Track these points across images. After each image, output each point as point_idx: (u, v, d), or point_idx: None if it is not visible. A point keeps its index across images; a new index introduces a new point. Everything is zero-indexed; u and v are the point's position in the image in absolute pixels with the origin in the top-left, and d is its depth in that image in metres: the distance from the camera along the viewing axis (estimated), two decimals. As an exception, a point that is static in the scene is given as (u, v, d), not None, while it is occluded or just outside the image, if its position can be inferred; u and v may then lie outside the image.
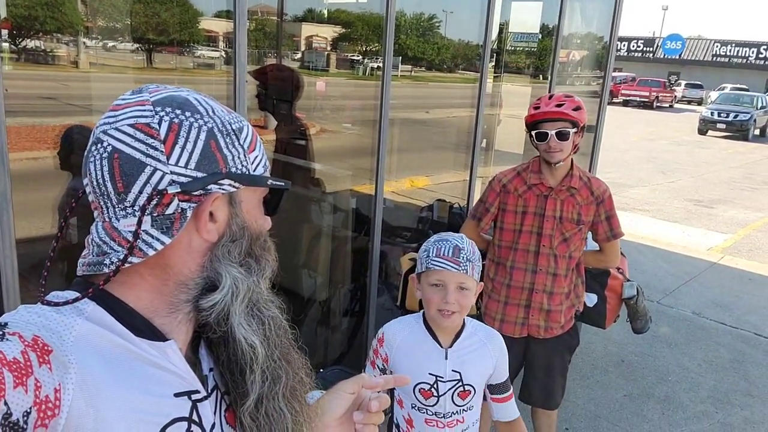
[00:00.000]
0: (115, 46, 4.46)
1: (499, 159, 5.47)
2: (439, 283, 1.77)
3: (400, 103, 4.62)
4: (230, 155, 0.79)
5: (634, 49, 44.85)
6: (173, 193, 0.74)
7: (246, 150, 0.81)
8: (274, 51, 5.11)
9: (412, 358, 1.84)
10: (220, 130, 0.78)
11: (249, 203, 0.84)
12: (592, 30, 6.01)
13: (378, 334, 1.91)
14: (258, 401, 0.84)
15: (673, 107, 34.24)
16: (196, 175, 0.75)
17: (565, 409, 3.67)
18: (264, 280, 0.86)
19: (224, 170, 0.78)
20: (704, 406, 4.04)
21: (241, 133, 0.81)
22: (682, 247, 7.76)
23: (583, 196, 2.61)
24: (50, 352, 0.66)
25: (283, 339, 0.87)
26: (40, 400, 0.63)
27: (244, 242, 0.83)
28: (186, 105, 0.77)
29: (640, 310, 3.37)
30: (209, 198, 0.77)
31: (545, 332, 2.69)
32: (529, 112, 2.56)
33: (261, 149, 0.85)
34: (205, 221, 0.78)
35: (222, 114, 0.80)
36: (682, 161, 15.59)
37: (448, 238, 1.81)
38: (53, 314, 0.72)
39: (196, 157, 0.75)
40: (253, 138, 0.84)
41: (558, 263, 2.63)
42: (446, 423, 1.85)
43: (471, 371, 1.84)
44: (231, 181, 0.78)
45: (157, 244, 0.75)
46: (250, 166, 0.82)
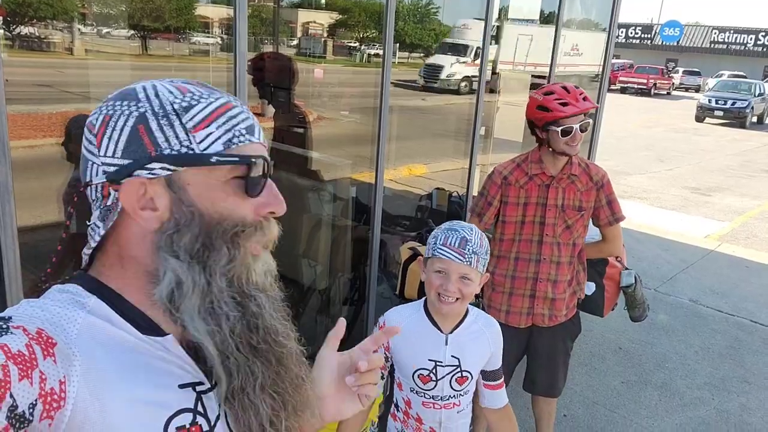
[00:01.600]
0: (110, 33, 4.43)
1: (498, 147, 5.46)
2: (442, 270, 1.80)
3: (397, 90, 4.60)
4: (162, 137, 0.75)
5: (632, 35, 44.67)
6: (99, 182, 0.76)
7: (189, 129, 0.75)
8: (270, 38, 5.07)
9: (413, 345, 1.86)
10: (155, 113, 0.75)
11: (202, 186, 0.76)
12: (592, 17, 5.98)
13: (379, 322, 1.93)
14: (230, 394, 0.81)
15: (670, 94, 34.17)
16: (123, 163, 0.75)
17: (564, 395, 3.69)
18: (219, 271, 0.77)
19: (153, 153, 0.74)
20: (701, 392, 4.07)
21: (188, 111, 0.76)
22: (679, 234, 7.78)
23: (583, 182, 2.61)
24: (54, 344, 0.67)
25: (260, 340, 0.81)
26: (45, 392, 0.63)
27: (194, 229, 0.76)
28: (127, 95, 0.77)
29: (638, 298, 3.37)
30: (133, 183, 0.74)
31: (549, 320, 2.71)
32: (553, 108, 2.45)
33: (225, 125, 0.77)
34: (135, 207, 0.75)
35: (166, 96, 0.76)
36: (679, 149, 15.59)
37: (457, 228, 1.83)
38: (56, 308, 0.72)
39: (122, 144, 0.75)
40: (211, 115, 0.77)
41: (561, 251, 2.64)
42: (443, 405, 1.89)
43: (469, 357, 1.87)
44: (163, 164, 0.74)
45: (96, 235, 0.78)
46: (195, 145, 0.75)
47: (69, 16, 4.25)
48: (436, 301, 1.81)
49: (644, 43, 44.25)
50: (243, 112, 0.80)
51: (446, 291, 1.77)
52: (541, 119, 2.52)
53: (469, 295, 1.81)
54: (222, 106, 0.78)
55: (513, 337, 1.99)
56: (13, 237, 2.03)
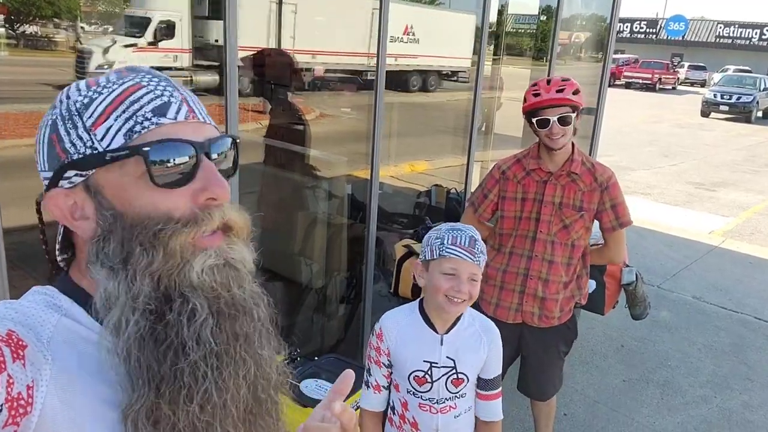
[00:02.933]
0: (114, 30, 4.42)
1: (498, 143, 5.42)
2: (453, 271, 1.75)
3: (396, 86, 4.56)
4: (68, 142, 0.70)
5: (636, 30, 44.44)
6: (39, 198, 0.75)
7: (89, 127, 0.70)
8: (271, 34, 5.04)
9: (410, 347, 1.84)
10: (62, 117, 0.72)
11: (116, 186, 0.71)
12: (593, 11, 5.93)
13: (375, 329, 1.90)
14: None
15: (675, 89, 34.02)
16: (49, 175, 0.73)
17: (564, 394, 3.66)
18: (142, 276, 0.69)
19: (66, 161, 0.71)
20: (703, 390, 4.03)
21: (88, 108, 0.70)
22: (683, 230, 7.72)
23: (586, 183, 2.56)
24: (25, 347, 0.65)
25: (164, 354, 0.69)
26: (12, 397, 0.60)
27: (117, 234, 0.70)
28: (53, 103, 0.74)
29: (639, 296, 3.34)
30: (54, 194, 0.72)
31: (539, 320, 2.65)
32: (528, 99, 2.49)
33: (125, 113, 0.70)
34: (67, 218, 0.73)
35: (74, 95, 0.72)
36: (684, 144, 15.50)
37: (462, 228, 1.80)
38: (31, 310, 0.71)
39: (45, 156, 0.73)
40: (109, 106, 0.70)
41: (555, 250, 2.59)
42: (439, 409, 1.85)
43: (464, 360, 1.84)
44: (75, 171, 0.70)
45: (57, 244, 0.78)
46: (97, 143, 0.70)
47: (72, 15, 4.25)
48: (445, 303, 1.76)
49: (649, 38, 44.02)
50: (152, 91, 0.72)
51: (458, 292, 1.73)
52: (523, 111, 2.54)
53: (474, 295, 1.78)
54: (124, 91, 0.71)
55: (503, 333, 1.94)
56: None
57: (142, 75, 0.74)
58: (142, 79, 0.73)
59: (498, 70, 5.67)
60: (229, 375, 0.72)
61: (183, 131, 0.72)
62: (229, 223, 0.74)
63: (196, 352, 0.69)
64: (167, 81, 0.75)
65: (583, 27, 5.92)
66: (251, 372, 0.75)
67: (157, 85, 0.73)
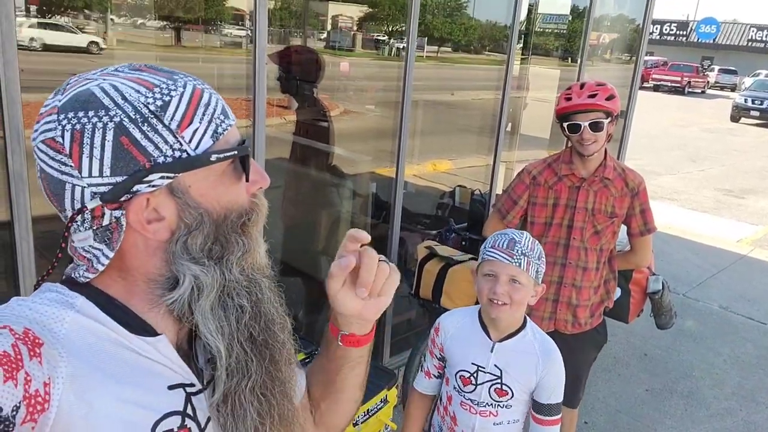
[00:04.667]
0: (144, 24, 4.45)
1: (524, 143, 5.35)
2: (491, 273, 1.76)
3: (424, 85, 4.53)
4: (151, 145, 0.69)
5: (666, 32, 43.79)
6: (94, 206, 0.70)
7: (176, 129, 0.70)
8: (299, 30, 5.05)
9: (461, 345, 1.87)
10: (132, 119, 0.69)
11: (203, 184, 0.73)
12: (625, 12, 5.83)
13: (435, 324, 1.96)
14: (225, 396, 0.79)
15: (705, 93, 33.44)
16: (116, 180, 0.69)
17: (585, 403, 3.60)
18: (236, 263, 0.77)
19: (147, 165, 0.69)
20: (728, 403, 3.94)
21: (166, 110, 0.70)
22: (710, 238, 7.58)
23: (618, 188, 2.51)
24: (41, 345, 0.65)
25: (260, 330, 0.79)
26: (29, 394, 0.61)
27: (205, 229, 0.74)
28: (89, 103, 0.69)
29: (665, 305, 3.27)
30: (138, 199, 0.70)
31: (572, 327, 2.62)
32: (560, 102, 2.45)
33: (205, 116, 0.72)
34: (142, 223, 0.71)
35: (135, 97, 0.70)
36: (713, 149, 15.23)
37: (506, 232, 1.81)
38: (44, 307, 0.70)
39: (108, 161, 0.69)
40: (189, 108, 0.71)
41: (588, 256, 2.55)
42: (478, 411, 1.85)
43: (512, 374, 1.81)
44: (162, 174, 0.70)
45: (103, 258, 0.73)
46: (186, 145, 0.71)
47: (102, 6, 4.28)
48: (488, 307, 1.77)
49: (679, 40, 43.35)
50: (212, 94, 0.75)
51: (495, 294, 1.73)
52: (555, 114, 2.50)
53: (519, 301, 1.75)
54: (193, 94, 0.73)
55: None
56: (27, 228, 2.03)
57: (189, 76, 0.76)
58: (192, 82, 0.75)
59: (526, 70, 5.60)
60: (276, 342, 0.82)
61: (236, 130, 0.78)
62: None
63: (275, 324, 0.81)
64: (203, 82, 0.77)
65: (613, 28, 5.83)
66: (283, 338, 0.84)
67: (207, 88, 0.76)
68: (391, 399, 2.51)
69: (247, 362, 0.78)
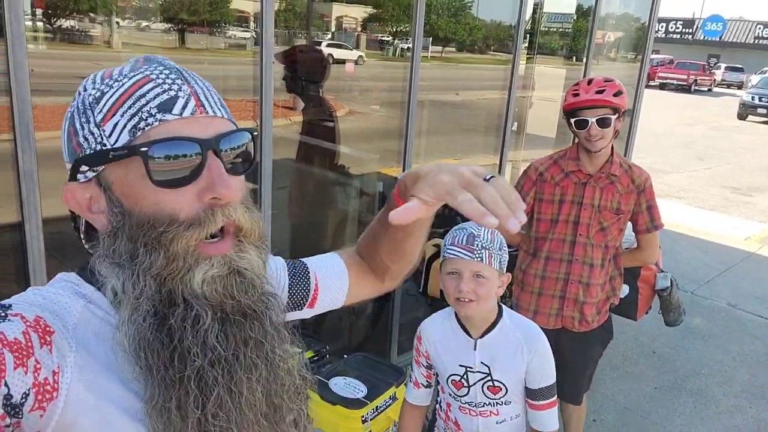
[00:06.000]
0: (149, 26, 4.47)
1: (530, 142, 5.35)
2: (454, 271, 1.72)
3: (429, 85, 4.53)
4: (82, 136, 0.70)
5: (672, 30, 43.61)
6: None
7: (99, 122, 0.69)
8: (304, 31, 5.06)
9: (446, 351, 1.84)
10: (78, 109, 0.71)
11: (124, 183, 0.69)
12: (630, 10, 5.82)
13: (417, 332, 1.92)
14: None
15: (711, 91, 33.28)
16: (68, 167, 0.74)
17: (594, 400, 3.60)
18: (149, 277, 0.68)
19: (80, 155, 0.71)
20: (738, 400, 3.93)
21: (99, 102, 0.69)
22: (718, 235, 7.54)
23: (624, 185, 2.51)
24: (52, 333, 0.65)
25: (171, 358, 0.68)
26: (38, 382, 0.61)
27: (125, 232, 0.69)
28: (74, 94, 0.74)
29: (674, 302, 3.26)
30: (71, 189, 0.73)
31: (579, 324, 2.62)
32: (568, 99, 2.45)
33: (132, 109, 0.68)
34: (83, 212, 0.74)
35: (90, 87, 0.72)
36: (720, 147, 15.16)
37: (465, 227, 1.75)
38: (57, 296, 0.71)
39: (66, 148, 0.73)
40: (117, 101, 0.68)
41: (594, 253, 2.55)
42: (479, 412, 1.83)
43: (500, 368, 1.78)
44: (88, 166, 0.70)
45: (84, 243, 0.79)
46: (105, 139, 0.69)
47: (107, 10, 4.30)
48: (456, 305, 1.75)
49: (685, 38, 43.17)
50: (160, 85, 0.69)
51: (461, 292, 1.69)
52: (563, 111, 2.50)
53: (485, 296, 1.71)
54: (132, 85, 0.69)
55: None
56: (38, 228, 2.04)
57: (154, 66, 0.72)
58: (152, 72, 0.71)
59: (531, 69, 5.60)
60: (240, 380, 0.71)
61: (189, 128, 0.69)
62: (237, 223, 0.72)
63: (202, 359, 0.68)
64: (178, 73, 0.73)
65: (619, 26, 5.82)
66: (263, 376, 0.73)
67: (167, 78, 0.71)
68: (399, 396, 2.52)
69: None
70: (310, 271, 1.03)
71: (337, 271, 1.05)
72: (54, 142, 2.78)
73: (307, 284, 1.02)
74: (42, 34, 3.94)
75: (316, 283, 1.03)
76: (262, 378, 0.73)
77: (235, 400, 0.70)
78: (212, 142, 0.70)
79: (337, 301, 1.06)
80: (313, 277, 1.03)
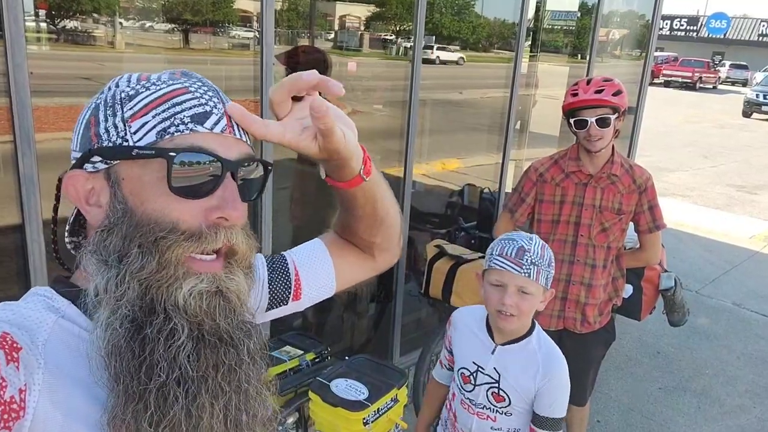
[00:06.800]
0: (152, 27, 4.47)
1: (533, 141, 5.33)
2: (499, 283, 1.71)
3: (432, 84, 4.52)
4: (103, 128, 0.70)
5: (677, 27, 43.44)
6: (61, 176, 0.74)
7: (127, 118, 0.69)
8: (307, 31, 5.05)
9: (465, 342, 1.88)
10: (105, 102, 0.71)
11: (136, 182, 0.69)
12: (634, 8, 5.79)
13: (451, 317, 1.98)
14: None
15: (716, 88, 33.17)
16: (77, 155, 0.73)
17: (598, 401, 3.59)
18: (135, 280, 0.67)
19: (95, 145, 0.70)
20: (742, 400, 3.91)
21: (132, 100, 0.70)
22: (723, 234, 7.51)
23: (625, 185, 2.50)
24: (19, 350, 0.63)
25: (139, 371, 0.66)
26: (4, 400, 0.59)
27: (122, 229, 0.68)
28: (102, 88, 0.74)
29: (678, 302, 3.25)
30: (74, 177, 0.72)
31: (581, 326, 2.60)
32: (567, 99, 2.43)
33: (164, 113, 0.69)
34: (81, 200, 0.72)
35: (123, 85, 0.72)
36: (725, 145, 15.10)
37: (515, 238, 1.73)
38: (28, 311, 0.69)
39: (79, 136, 0.73)
40: (152, 102, 0.69)
41: (596, 253, 2.53)
42: (476, 412, 1.83)
43: (510, 379, 1.77)
44: (102, 157, 0.70)
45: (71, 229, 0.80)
46: (130, 135, 0.69)
47: (111, 10, 4.29)
48: (496, 317, 1.73)
49: (690, 36, 43.00)
50: (197, 98, 0.71)
51: (504, 305, 1.68)
52: (562, 111, 2.49)
53: (527, 311, 1.71)
54: (170, 92, 0.70)
55: None
56: (38, 230, 2.04)
57: (193, 81, 0.73)
58: (191, 85, 0.72)
59: (534, 68, 5.58)
60: (203, 405, 0.68)
61: (216, 144, 0.70)
62: (234, 247, 0.72)
63: (168, 375, 0.66)
64: (215, 91, 0.74)
65: (623, 24, 5.79)
66: (232, 404, 0.71)
67: (204, 93, 0.72)
68: (401, 398, 2.51)
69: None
70: (288, 263, 0.99)
71: (318, 257, 1.00)
72: (57, 143, 2.78)
73: (287, 277, 0.98)
74: (45, 35, 3.93)
75: (296, 274, 0.99)
76: (231, 406, 0.71)
77: (191, 423, 0.68)
78: (234, 164, 0.71)
79: (326, 287, 1.01)
80: (292, 267, 0.99)
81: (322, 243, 1.02)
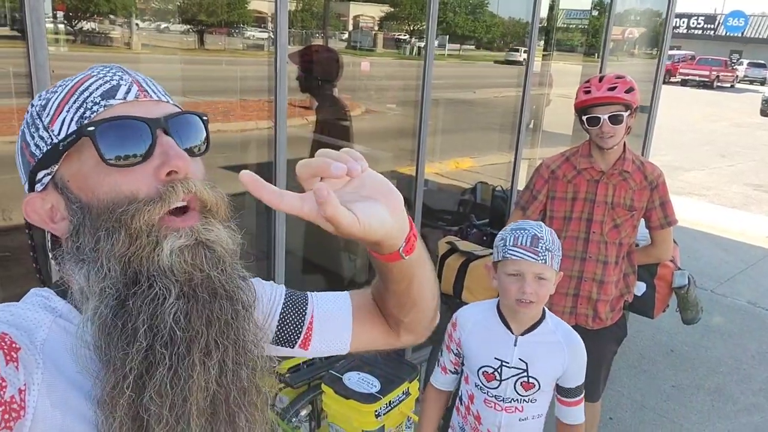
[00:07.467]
0: (168, 28, 4.52)
1: (547, 140, 5.34)
2: (517, 273, 1.74)
3: (447, 83, 4.54)
4: (33, 145, 0.72)
5: (693, 26, 43.00)
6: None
7: (47, 125, 0.70)
8: (321, 31, 5.09)
9: (481, 341, 1.86)
10: (27, 124, 0.73)
11: (79, 176, 0.70)
12: (648, 6, 5.77)
13: (452, 318, 1.94)
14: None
15: (734, 87, 32.79)
16: (26, 185, 0.75)
17: (610, 398, 3.59)
18: (113, 261, 0.67)
19: (33, 164, 0.72)
20: (756, 398, 3.89)
21: (44, 109, 0.72)
22: (739, 233, 7.44)
23: (637, 181, 2.51)
24: (18, 350, 0.63)
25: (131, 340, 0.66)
26: (4, 400, 0.59)
27: (86, 226, 0.69)
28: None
29: (691, 300, 3.24)
30: (30, 202, 0.73)
31: (593, 322, 2.61)
32: (579, 96, 2.45)
33: (76, 103, 0.70)
34: (45, 222, 0.73)
35: (36, 102, 0.74)
36: (742, 144, 14.93)
37: (525, 227, 1.78)
38: (27, 312, 0.70)
39: (21, 167, 0.75)
40: (62, 100, 0.71)
41: (608, 250, 2.54)
42: (503, 407, 1.84)
43: (538, 366, 1.81)
44: (43, 170, 0.71)
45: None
46: (55, 137, 0.70)
47: (127, 12, 4.36)
48: (516, 305, 1.77)
49: (707, 34, 42.54)
50: (101, 78, 0.72)
51: (524, 294, 1.72)
52: (574, 108, 2.50)
53: (545, 296, 1.76)
54: (75, 84, 0.72)
55: None
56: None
57: (96, 68, 0.75)
58: (93, 71, 0.74)
59: (548, 66, 5.58)
60: (192, 363, 0.67)
61: (134, 110, 0.70)
62: (201, 198, 0.71)
63: (153, 339, 0.66)
64: (118, 67, 0.75)
65: (637, 22, 5.77)
66: (229, 359, 0.71)
67: (107, 72, 0.73)
68: (413, 391, 2.54)
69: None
70: (307, 308, 0.96)
71: (340, 316, 0.97)
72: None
73: (301, 320, 0.95)
74: (63, 36, 3.99)
75: (310, 323, 0.96)
76: (228, 360, 0.71)
77: (179, 385, 0.67)
78: (160, 121, 0.70)
79: (338, 348, 0.98)
80: (308, 315, 0.96)
81: (349, 302, 0.98)
